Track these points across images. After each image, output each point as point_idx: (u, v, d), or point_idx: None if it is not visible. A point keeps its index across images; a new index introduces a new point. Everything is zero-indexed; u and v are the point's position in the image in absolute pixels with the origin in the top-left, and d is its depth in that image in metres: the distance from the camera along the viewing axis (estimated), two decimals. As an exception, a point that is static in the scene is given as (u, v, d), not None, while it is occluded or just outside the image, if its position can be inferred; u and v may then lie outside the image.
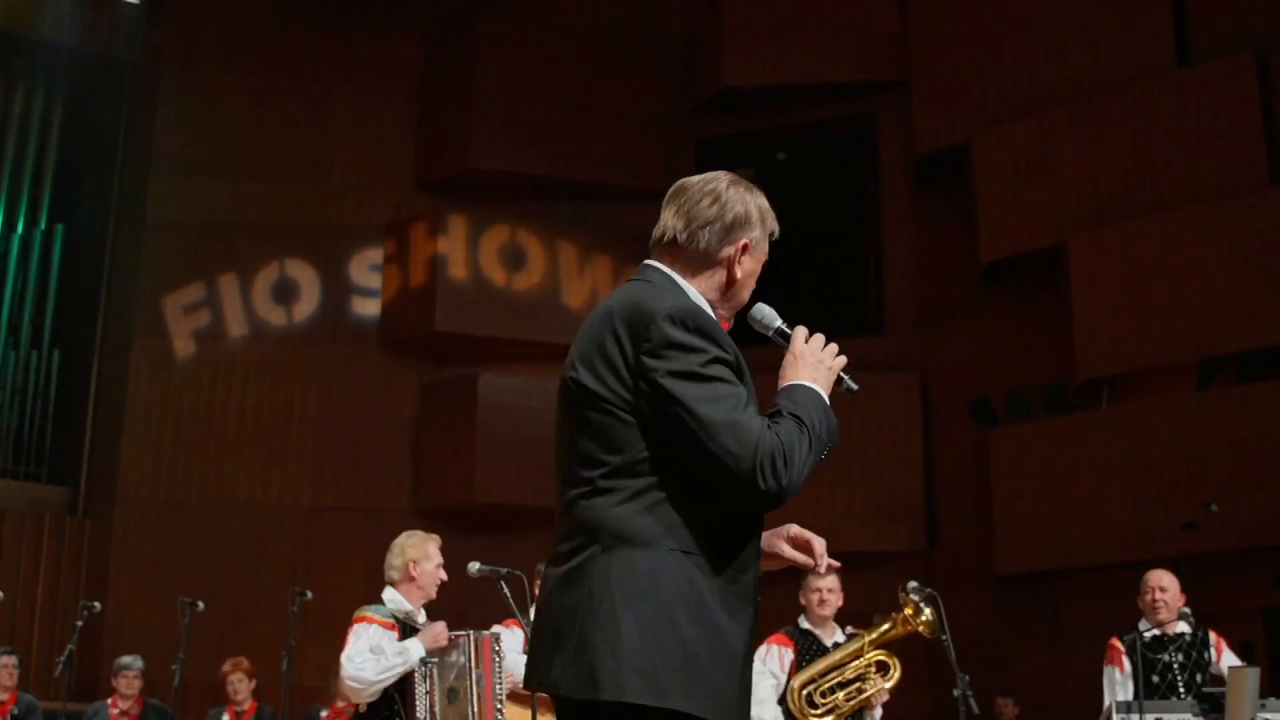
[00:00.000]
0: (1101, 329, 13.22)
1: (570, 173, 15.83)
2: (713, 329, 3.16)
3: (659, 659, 2.97)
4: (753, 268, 3.40)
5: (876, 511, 14.41)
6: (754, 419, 3.06)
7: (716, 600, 3.06)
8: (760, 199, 3.40)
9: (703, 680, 2.99)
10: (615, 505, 3.10)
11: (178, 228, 15.42)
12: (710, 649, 3.02)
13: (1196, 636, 7.97)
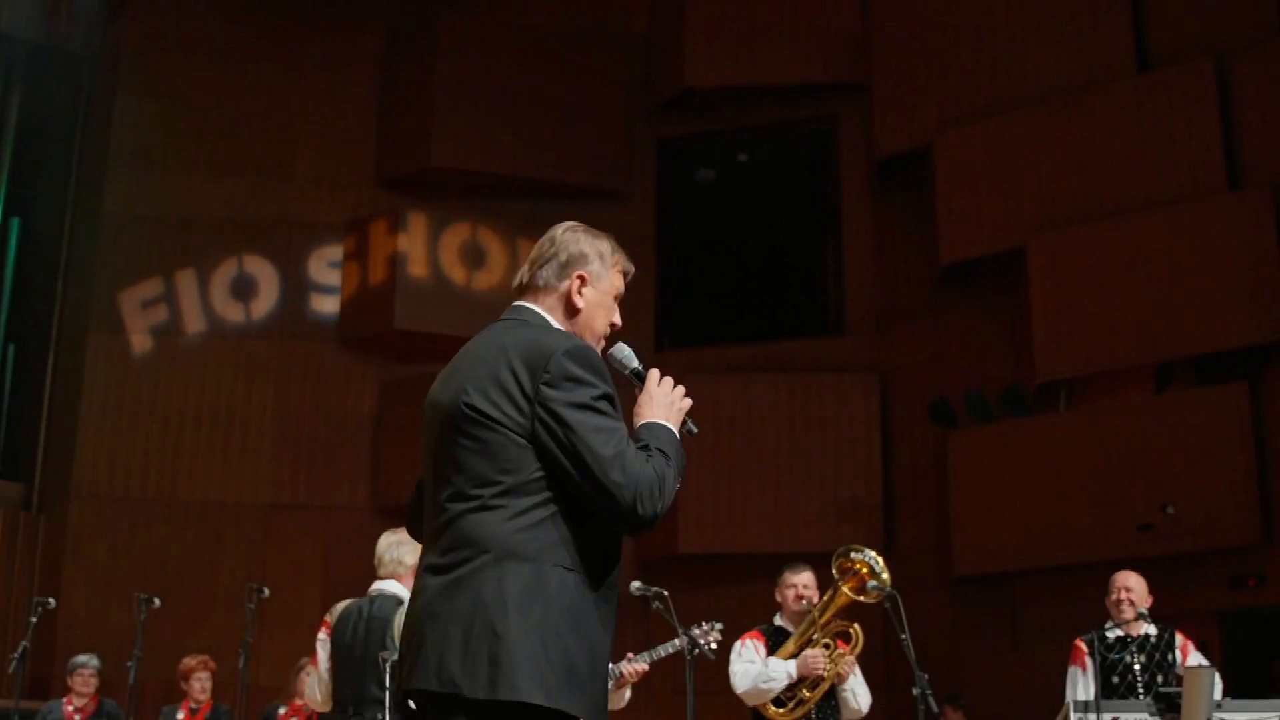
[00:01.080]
0: (1060, 331, 13.29)
1: (531, 172, 15.81)
2: (601, 367, 3.52)
3: (547, 664, 3.24)
4: (598, 299, 3.76)
5: (835, 512, 14.43)
6: (635, 453, 3.40)
7: (592, 615, 3.37)
8: (601, 242, 3.81)
9: (581, 686, 3.28)
10: (505, 521, 3.37)
11: (135, 222, 15.33)
12: (587, 659, 3.32)
13: (1162, 638, 8.00)
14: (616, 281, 3.81)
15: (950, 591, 13.96)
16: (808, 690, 7.48)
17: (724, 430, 14.82)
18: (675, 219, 16.46)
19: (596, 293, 3.76)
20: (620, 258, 3.82)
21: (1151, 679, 7.79)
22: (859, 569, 7.65)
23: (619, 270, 3.82)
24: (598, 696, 3.34)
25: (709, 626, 7.41)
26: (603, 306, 3.76)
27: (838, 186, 15.93)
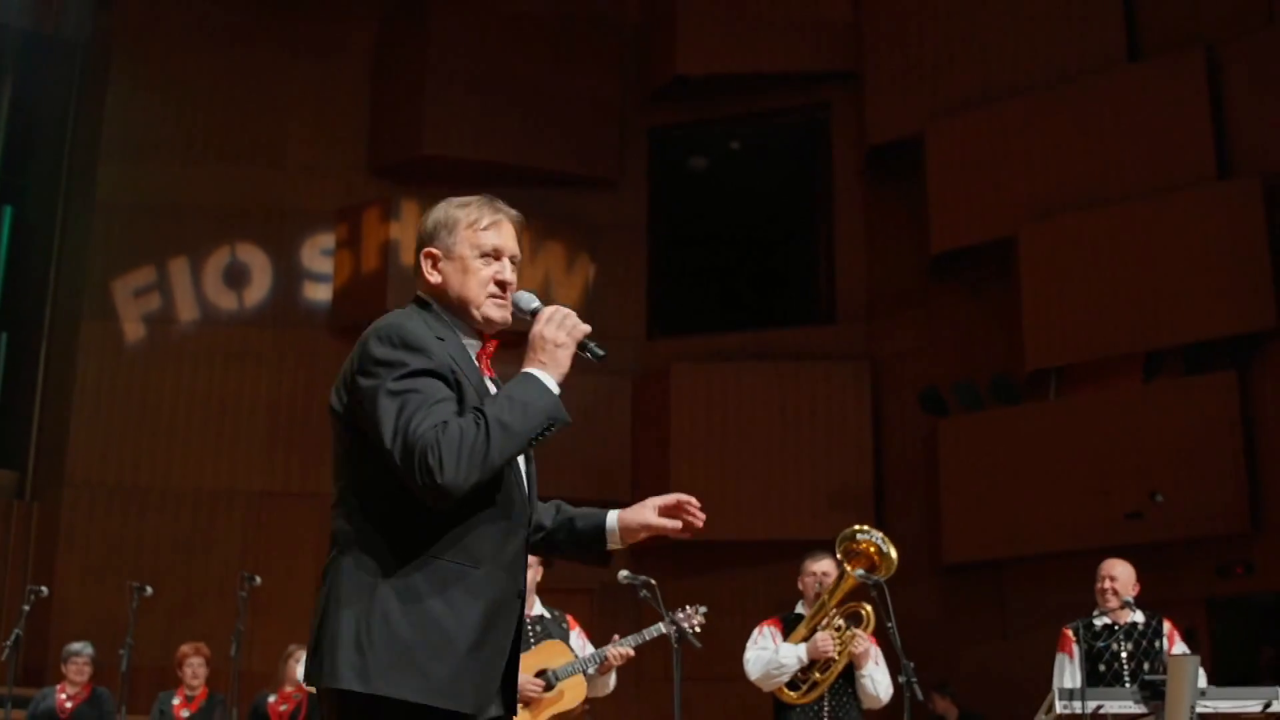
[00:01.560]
0: (1050, 320, 13.34)
1: (523, 160, 15.82)
2: (417, 341, 3.36)
3: (370, 651, 3.22)
4: (455, 268, 3.58)
5: (826, 500, 14.48)
6: (425, 421, 3.24)
7: (436, 597, 3.27)
8: (450, 209, 3.63)
9: (416, 670, 3.22)
10: (350, 514, 3.38)
11: (128, 210, 15.33)
12: (426, 641, 3.24)
13: (1149, 626, 8.02)
14: (477, 240, 3.59)
15: (940, 579, 14.02)
16: (819, 673, 7.52)
17: (715, 418, 14.88)
18: (667, 207, 16.48)
19: (451, 263, 3.58)
20: (478, 212, 3.63)
21: (1138, 667, 7.81)
22: (867, 550, 7.68)
23: (478, 228, 3.61)
24: (445, 676, 3.25)
25: (693, 610, 7.43)
26: (466, 273, 3.57)
27: (829, 175, 15.97)
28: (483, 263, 3.60)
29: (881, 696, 7.57)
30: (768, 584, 13.88)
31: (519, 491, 3.50)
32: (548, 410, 3.37)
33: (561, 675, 7.17)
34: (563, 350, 3.47)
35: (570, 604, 12.05)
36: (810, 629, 7.61)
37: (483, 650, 3.34)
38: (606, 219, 16.19)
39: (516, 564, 3.46)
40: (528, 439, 3.34)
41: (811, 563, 7.80)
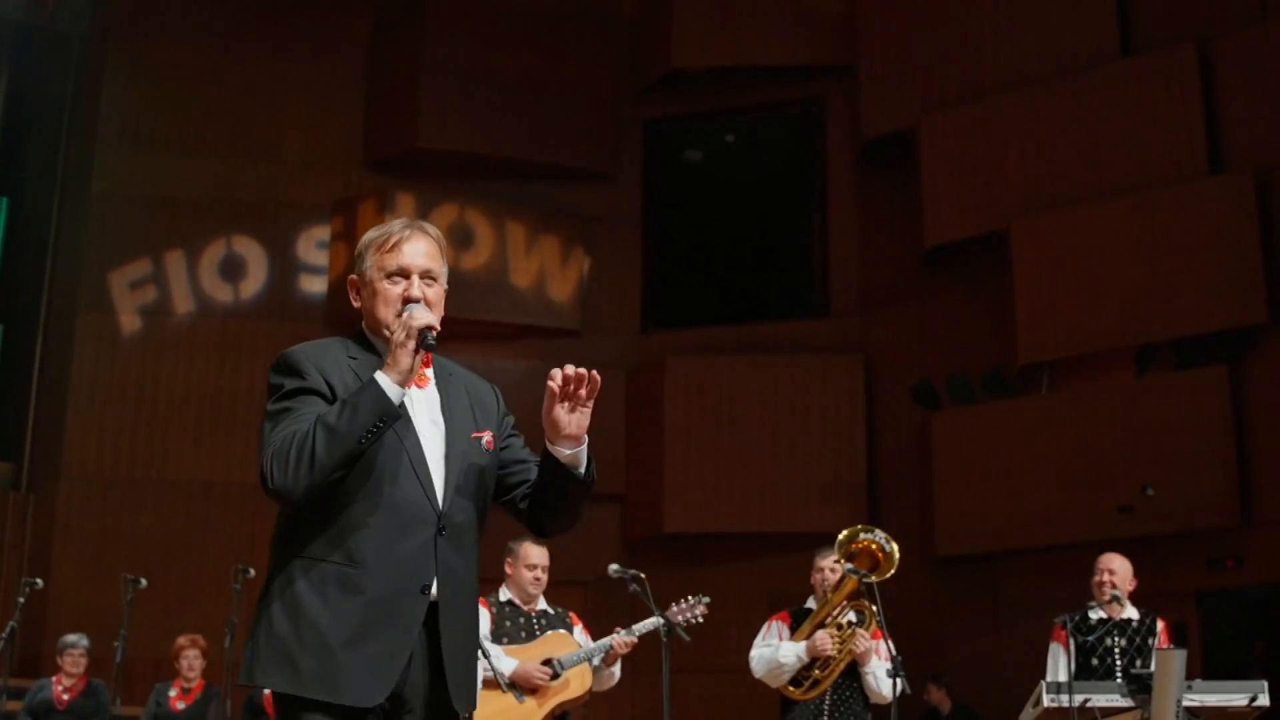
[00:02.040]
0: (1043, 314, 13.39)
1: (519, 153, 15.87)
2: (299, 363, 3.58)
3: (258, 649, 3.48)
4: (369, 293, 3.70)
5: (819, 492, 14.55)
6: (280, 434, 3.46)
7: (312, 595, 3.47)
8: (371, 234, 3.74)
9: (286, 662, 3.43)
10: (274, 528, 3.65)
11: (124, 202, 15.37)
12: (299, 637, 3.44)
13: (1143, 623, 8.05)
14: (383, 263, 3.67)
15: (933, 571, 14.07)
16: (819, 670, 7.58)
17: (709, 411, 14.93)
18: (662, 200, 16.53)
19: (366, 288, 3.70)
20: (387, 235, 3.71)
21: (1131, 662, 7.85)
22: (869, 548, 7.73)
23: (382, 251, 3.69)
24: (314, 669, 3.42)
25: (695, 600, 7.51)
26: (376, 296, 3.68)
27: (823, 168, 16.01)
28: (390, 283, 3.68)
29: (885, 693, 7.60)
30: (761, 576, 13.97)
31: (417, 491, 3.57)
32: (376, 408, 3.43)
33: (568, 664, 7.27)
34: (402, 349, 3.50)
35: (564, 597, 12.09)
36: (814, 627, 7.67)
37: (364, 645, 3.44)
38: (601, 212, 16.24)
39: (415, 563, 3.53)
40: (357, 437, 3.42)
41: (820, 558, 7.86)
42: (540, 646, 7.32)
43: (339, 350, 3.66)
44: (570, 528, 3.87)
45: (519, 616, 7.45)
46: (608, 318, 15.98)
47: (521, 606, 7.48)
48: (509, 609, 7.46)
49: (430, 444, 3.64)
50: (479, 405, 3.83)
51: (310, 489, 3.43)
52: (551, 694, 7.23)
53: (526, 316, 15.66)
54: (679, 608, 7.44)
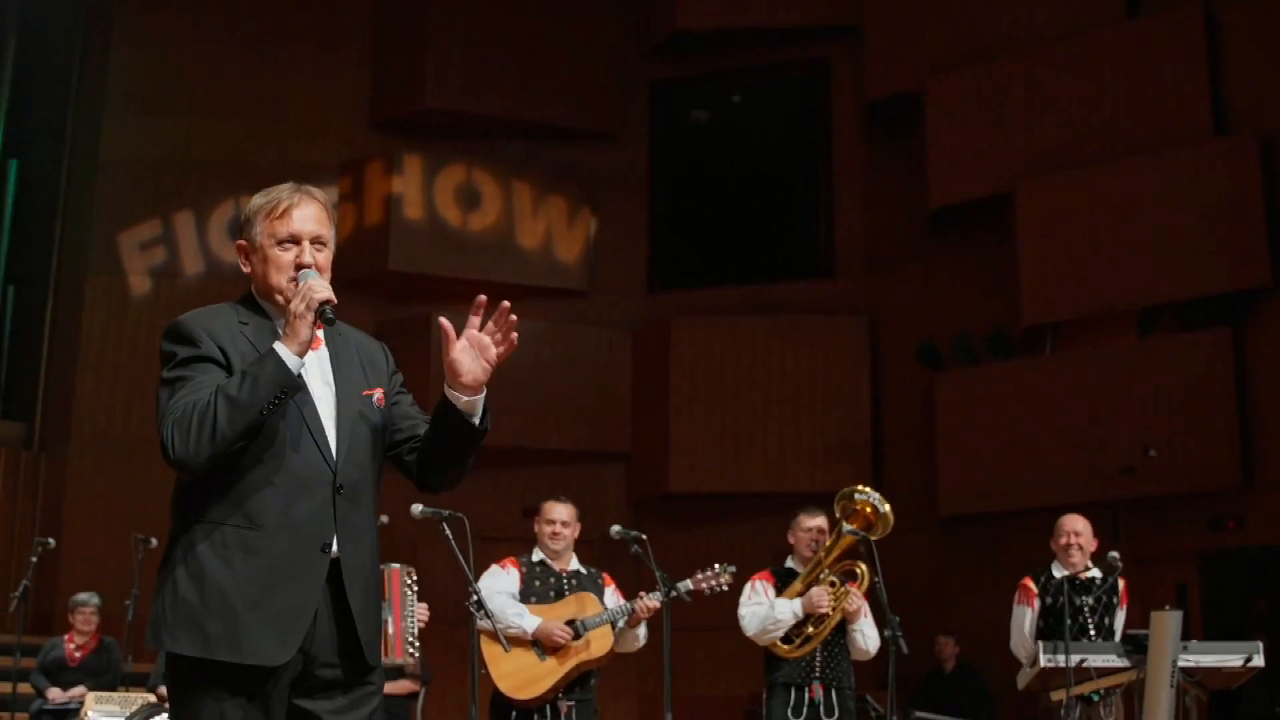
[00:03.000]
0: (1047, 276, 13.43)
1: (525, 114, 15.90)
2: (189, 331, 3.62)
3: (164, 614, 3.52)
4: (259, 257, 3.73)
5: (824, 452, 14.64)
6: (178, 404, 3.50)
7: (215, 559, 3.53)
8: (252, 201, 3.76)
9: (193, 626, 3.49)
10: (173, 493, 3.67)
11: (132, 164, 15.42)
12: (204, 601, 3.50)
13: (1106, 581, 8.14)
14: (273, 229, 3.70)
15: (937, 531, 14.17)
16: (813, 627, 7.68)
17: (714, 372, 15.01)
18: (668, 161, 16.56)
19: (256, 254, 3.74)
20: (268, 200, 3.73)
21: (1100, 621, 7.96)
22: (863, 509, 7.85)
23: (272, 218, 3.71)
24: (219, 631, 3.49)
25: (721, 568, 7.61)
26: (268, 263, 3.71)
27: (829, 129, 16.04)
28: (281, 250, 3.71)
29: (870, 650, 7.78)
30: (766, 536, 13.99)
31: (314, 452, 3.63)
32: (278, 380, 3.48)
33: (590, 625, 7.35)
34: (300, 320, 3.54)
35: (571, 555, 12.23)
36: (806, 585, 7.77)
37: (267, 605, 3.51)
38: (608, 173, 16.28)
39: (314, 523, 3.59)
40: (259, 409, 3.47)
41: (806, 518, 7.95)
42: (565, 606, 7.42)
43: (229, 315, 3.70)
44: (456, 483, 3.90)
45: (549, 576, 7.53)
46: (614, 278, 16.03)
47: (552, 566, 7.56)
48: (539, 569, 7.55)
49: (324, 404, 3.69)
50: (369, 363, 3.88)
51: (212, 459, 3.47)
52: (572, 654, 7.33)
53: (533, 277, 15.72)
54: (703, 575, 7.54)
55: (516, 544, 8.41)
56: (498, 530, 12.55)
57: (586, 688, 7.48)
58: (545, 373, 15.19)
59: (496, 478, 14.65)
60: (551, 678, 7.29)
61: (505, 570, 7.47)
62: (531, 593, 7.44)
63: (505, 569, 7.47)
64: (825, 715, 7.63)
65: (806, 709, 7.63)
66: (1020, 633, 8.14)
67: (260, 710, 3.54)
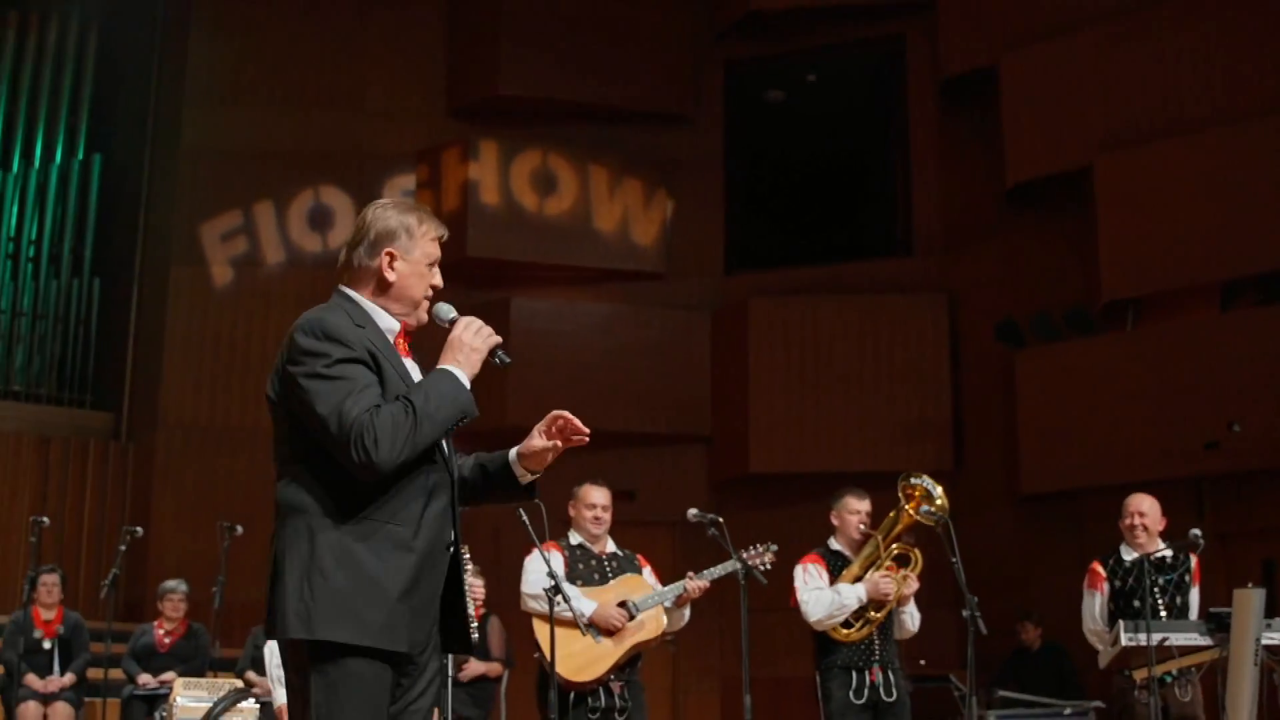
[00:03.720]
0: (1126, 251, 13.30)
1: (600, 97, 15.92)
2: (339, 332, 3.83)
3: (312, 602, 3.69)
4: (409, 269, 4.03)
5: (904, 432, 14.59)
6: (356, 405, 3.72)
7: (368, 553, 3.75)
8: (408, 215, 4.06)
9: (352, 615, 3.69)
10: (287, 485, 3.85)
11: (213, 155, 15.59)
12: (360, 590, 3.71)
13: (1178, 559, 8.09)
14: (429, 249, 4.05)
15: (1018, 510, 14.11)
16: (874, 611, 7.71)
17: (793, 352, 14.99)
18: (743, 141, 16.53)
19: (407, 264, 4.02)
20: (430, 226, 4.07)
21: (1172, 601, 7.90)
22: (917, 494, 7.85)
23: (430, 239, 4.06)
24: (379, 620, 3.71)
25: (764, 548, 7.64)
26: (416, 275, 4.02)
27: (905, 107, 15.96)
28: (430, 270, 4.07)
29: (915, 630, 7.85)
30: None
31: (440, 456, 3.94)
32: (462, 405, 3.86)
33: (642, 606, 7.45)
34: (476, 354, 3.95)
35: (652, 538, 12.31)
36: (864, 568, 7.77)
37: (413, 597, 3.81)
38: (683, 154, 16.28)
39: (441, 520, 3.92)
40: (446, 428, 3.84)
41: (855, 501, 7.93)
42: (615, 589, 7.52)
43: (346, 318, 3.94)
44: None
45: (590, 559, 7.63)
46: (691, 260, 16.05)
47: (591, 549, 7.66)
48: (580, 552, 7.65)
49: None
50: None
51: (401, 466, 3.76)
52: (628, 635, 7.42)
53: (610, 260, 15.76)
54: (750, 554, 7.58)
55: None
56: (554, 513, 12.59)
57: (634, 668, 7.60)
58: (623, 356, 15.25)
59: (577, 462, 14.59)
60: (609, 659, 7.39)
61: (550, 554, 7.53)
62: (576, 576, 7.55)
63: (550, 553, 7.53)
64: (885, 697, 7.65)
65: (868, 691, 7.65)
66: (1091, 618, 8.11)
67: (389, 693, 3.82)
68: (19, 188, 15.97)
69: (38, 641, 11.32)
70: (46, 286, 15.83)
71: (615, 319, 15.49)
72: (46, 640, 11.35)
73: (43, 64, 16.22)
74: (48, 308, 15.76)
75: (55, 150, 16.19)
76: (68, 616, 11.56)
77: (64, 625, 11.46)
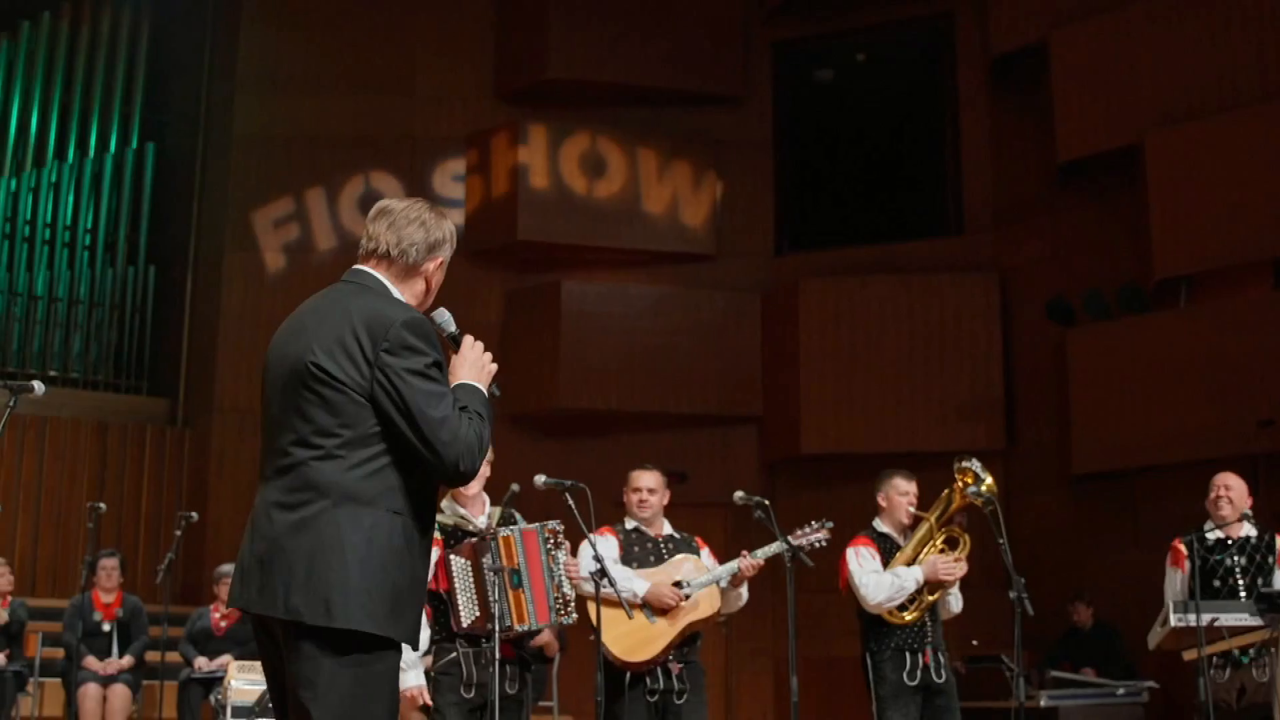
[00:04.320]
0: (1179, 228, 13.20)
1: (648, 80, 15.92)
2: (434, 338, 3.94)
3: (377, 597, 3.75)
4: (439, 280, 4.18)
5: (955, 412, 14.56)
6: (458, 416, 3.86)
7: (416, 551, 3.89)
8: (449, 225, 4.20)
9: (403, 614, 3.82)
10: (345, 470, 3.82)
11: (264, 143, 15.71)
12: (410, 590, 3.85)
13: (1262, 540, 8.04)
14: (446, 260, 4.21)
15: (1071, 489, 14.05)
16: (929, 593, 7.75)
17: (844, 332, 14.97)
18: (792, 122, 16.50)
19: (442, 275, 4.19)
20: (455, 240, 4.23)
21: (1253, 581, 7.85)
22: (968, 477, 7.86)
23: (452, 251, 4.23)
24: (416, 620, 3.91)
25: (818, 524, 7.68)
26: (437, 285, 4.19)
27: (954, 85, 15.88)
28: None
29: (957, 610, 7.87)
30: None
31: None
32: (493, 418, 4.03)
33: (696, 586, 7.48)
34: (486, 375, 4.11)
35: (705, 519, 12.36)
36: (917, 551, 7.79)
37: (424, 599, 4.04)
38: (733, 136, 16.26)
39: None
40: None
41: (904, 482, 7.93)
42: (669, 570, 7.56)
43: None
44: None
45: (646, 542, 7.68)
46: (741, 241, 16.05)
47: (648, 532, 7.70)
48: (635, 535, 7.70)
49: None
50: None
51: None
52: (682, 614, 7.45)
53: (660, 243, 15.78)
54: (802, 532, 7.61)
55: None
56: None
57: (693, 648, 7.63)
58: (674, 338, 15.27)
59: (628, 443, 14.77)
60: (663, 639, 7.42)
61: (603, 538, 7.59)
62: (632, 558, 7.59)
63: (603, 537, 7.60)
64: (936, 678, 7.68)
65: (921, 673, 7.68)
66: (1172, 594, 8.04)
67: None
68: (74, 178, 16.17)
69: (97, 624, 11.49)
70: (102, 275, 16.02)
71: (665, 301, 15.51)
72: (106, 623, 11.51)
73: (96, 54, 16.40)
74: (104, 296, 15.97)
75: (109, 140, 16.37)
76: (127, 600, 11.71)
77: (123, 609, 11.62)
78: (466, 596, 6.49)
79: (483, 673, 6.60)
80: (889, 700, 7.67)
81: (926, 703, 7.70)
